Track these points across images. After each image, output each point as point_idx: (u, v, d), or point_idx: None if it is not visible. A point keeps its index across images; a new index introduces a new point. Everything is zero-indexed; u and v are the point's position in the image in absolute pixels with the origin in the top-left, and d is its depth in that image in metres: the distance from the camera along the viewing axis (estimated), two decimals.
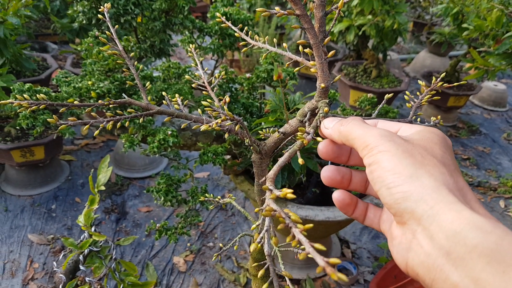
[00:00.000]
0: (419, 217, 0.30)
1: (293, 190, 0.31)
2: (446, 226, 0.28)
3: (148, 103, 0.56)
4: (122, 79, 1.16)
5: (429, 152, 0.34)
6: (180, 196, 1.09)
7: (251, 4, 3.12)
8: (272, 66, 1.28)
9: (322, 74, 0.44)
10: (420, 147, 0.35)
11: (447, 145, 0.37)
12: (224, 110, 0.45)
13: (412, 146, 0.34)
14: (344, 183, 0.43)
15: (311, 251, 0.26)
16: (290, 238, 0.29)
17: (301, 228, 0.28)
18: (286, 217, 0.31)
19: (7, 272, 1.57)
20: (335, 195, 0.42)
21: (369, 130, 0.36)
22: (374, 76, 2.58)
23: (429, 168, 0.32)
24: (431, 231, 0.29)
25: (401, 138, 0.35)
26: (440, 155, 0.34)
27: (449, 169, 0.33)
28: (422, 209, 0.30)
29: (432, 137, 0.36)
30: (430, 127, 0.38)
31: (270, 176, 0.38)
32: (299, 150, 0.44)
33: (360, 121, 0.38)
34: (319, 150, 0.43)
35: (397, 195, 0.31)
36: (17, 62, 1.98)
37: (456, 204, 0.29)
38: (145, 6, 1.12)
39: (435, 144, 0.36)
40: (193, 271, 1.63)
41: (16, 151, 1.80)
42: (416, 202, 0.30)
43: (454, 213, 0.28)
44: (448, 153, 0.36)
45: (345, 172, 0.42)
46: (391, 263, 1.62)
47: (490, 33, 1.99)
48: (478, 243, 0.26)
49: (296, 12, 0.42)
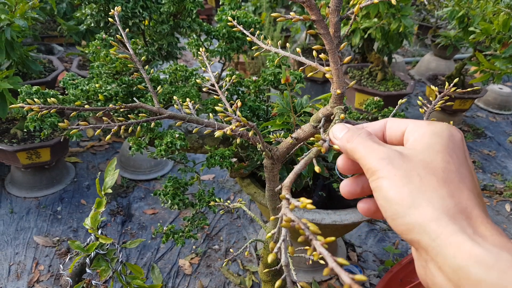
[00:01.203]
0: (426, 248, 0.30)
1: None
2: (450, 261, 0.28)
3: (159, 108, 0.56)
4: (129, 82, 1.16)
5: (430, 169, 0.33)
6: (187, 199, 1.09)
7: (256, 6, 3.12)
8: (279, 69, 1.28)
9: (338, 80, 0.43)
10: (420, 164, 0.33)
11: (454, 147, 0.35)
12: (238, 115, 0.45)
13: (411, 165, 0.33)
14: (365, 192, 0.42)
15: (334, 266, 0.25)
16: (311, 250, 0.28)
17: (322, 241, 0.28)
18: (305, 228, 0.30)
19: (12, 274, 1.57)
20: (360, 206, 0.42)
21: (371, 151, 0.35)
22: (380, 79, 2.58)
23: (428, 194, 0.31)
24: (439, 263, 0.29)
25: (399, 157, 0.34)
26: (442, 168, 0.33)
27: (450, 188, 0.32)
28: (426, 242, 0.30)
29: (435, 143, 0.35)
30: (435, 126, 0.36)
31: (286, 184, 0.37)
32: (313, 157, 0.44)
33: (365, 139, 0.37)
34: (338, 166, 0.42)
35: (401, 227, 0.32)
36: (24, 64, 1.99)
37: (457, 235, 0.29)
38: (153, 9, 1.12)
39: (437, 154, 0.34)
40: (198, 274, 1.62)
41: (22, 153, 1.80)
42: (419, 234, 0.30)
43: (455, 247, 0.28)
44: (454, 159, 0.34)
45: (363, 181, 0.41)
46: (397, 266, 1.61)
47: (496, 36, 1.98)
48: (481, 279, 0.27)
49: (312, 18, 0.41)
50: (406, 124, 0.38)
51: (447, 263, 0.28)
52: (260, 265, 0.79)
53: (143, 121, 0.51)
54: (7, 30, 1.66)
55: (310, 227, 0.31)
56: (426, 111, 0.55)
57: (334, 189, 1.43)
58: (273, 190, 0.59)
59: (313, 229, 0.31)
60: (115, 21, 0.60)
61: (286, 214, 0.35)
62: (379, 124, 0.41)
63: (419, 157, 0.34)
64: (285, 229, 0.35)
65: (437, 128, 0.36)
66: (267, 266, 0.76)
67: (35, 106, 0.51)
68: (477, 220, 0.30)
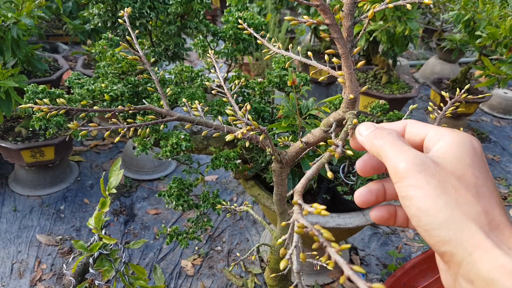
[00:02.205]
0: (459, 262, 0.30)
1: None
2: (484, 275, 0.28)
3: (169, 110, 0.55)
4: (135, 82, 1.16)
5: (463, 182, 0.32)
6: (191, 201, 1.09)
7: (261, 7, 3.12)
8: (285, 71, 1.28)
9: (351, 84, 0.43)
10: (452, 176, 0.33)
11: (479, 160, 0.34)
12: (249, 119, 0.44)
13: (445, 176, 0.33)
14: (379, 199, 0.41)
15: (350, 274, 0.25)
16: (326, 258, 0.28)
17: (337, 248, 0.28)
18: (319, 234, 0.30)
19: (15, 273, 1.57)
20: (372, 215, 0.41)
21: (401, 154, 0.34)
22: (384, 82, 2.57)
23: (465, 208, 0.31)
24: (471, 277, 0.30)
25: (432, 165, 0.33)
26: (473, 183, 0.33)
27: (484, 203, 0.32)
28: (461, 256, 0.30)
29: (464, 156, 0.34)
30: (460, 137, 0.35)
31: (298, 190, 0.37)
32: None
33: (395, 138, 0.36)
34: (357, 167, 0.41)
35: (435, 238, 0.31)
36: (29, 62, 1.99)
37: (493, 251, 0.29)
38: (160, 9, 1.12)
39: (468, 168, 0.33)
40: (200, 275, 1.62)
41: (26, 151, 1.80)
42: (455, 247, 0.30)
43: (491, 261, 0.29)
44: (481, 173, 0.34)
45: (377, 190, 0.41)
46: (400, 270, 1.60)
47: (503, 41, 1.97)
48: None
49: (326, 22, 0.41)
50: (427, 131, 0.37)
51: (480, 277, 0.29)
52: (267, 269, 0.79)
53: (153, 123, 0.51)
54: (14, 29, 1.66)
55: (324, 233, 0.31)
56: (437, 117, 0.54)
57: (338, 192, 1.43)
58: (281, 194, 0.58)
59: (327, 236, 0.30)
60: (125, 22, 0.60)
61: (298, 220, 0.34)
62: (398, 125, 0.40)
63: (450, 168, 0.33)
64: (297, 235, 0.35)
65: (462, 139, 0.35)
66: (274, 271, 0.76)
67: (44, 106, 0.51)
68: (510, 236, 0.31)
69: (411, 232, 1.94)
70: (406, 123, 0.40)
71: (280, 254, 0.35)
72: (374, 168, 0.41)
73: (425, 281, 1.57)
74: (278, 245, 0.72)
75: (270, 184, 1.37)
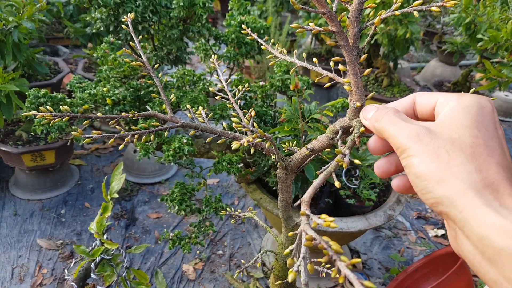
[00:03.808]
0: (453, 219, 0.32)
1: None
2: (475, 230, 0.30)
3: (173, 116, 0.55)
4: (137, 86, 1.16)
5: (457, 145, 0.34)
6: (194, 205, 1.08)
7: (262, 11, 3.12)
8: (287, 75, 1.27)
9: (357, 92, 0.42)
10: (447, 140, 0.34)
11: (483, 119, 0.35)
12: (255, 127, 0.44)
13: (439, 142, 0.34)
14: (399, 170, 0.42)
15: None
16: (335, 272, 0.27)
17: (347, 262, 0.27)
18: (328, 247, 0.30)
19: (15, 277, 1.57)
20: (394, 183, 0.42)
21: (400, 129, 0.36)
22: (386, 85, 2.57)
23: (456, 170, 0.33)
24: (466, 232, 0.31)
25: (427, 134, 0.35)
26: (469, 143, 0.34)
27: (477, 162, 0.33)
28: (454, 214, 0.32)
29: (463, 118, 0.35)
30: (465, 100, 0.36)
31: (305, 200, 0.36)
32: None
33: (393, 116, 0.38)
34: (369, 147, 0.42)
35: (430, 200, 0.34)
36: (30, 66, 1.99)
37: (482, 208, 0.30)
38: (162, 13, 1.11)
39: (465, 129, 0.34)
40: (202, 280, 1.61)
41: (27, 155, 1.80)
42: (447, 207, 0.32)
43: (480, 218, 0.30)
44: (482, 132, 0.34)
45: (396, 159, 0.41)
46: (402, 274, 1.59)
47: (504, 44, 1.97)
48: (503, 247, 0.28)
49: (332, 29, 0.41)
50: (436, 98, 0.39)
51: (473, 233, 0.30)
52: (271, 276, 0.78)
53: (157, 129, 0.51)
54: (15, 32, 1.66)
55: (333, 245, 0.30)
56: None
57: (340, 196, 1.42)
58: (286, 201, 0.58)
59: (336, 248, 0.30)
60: (128, 26, 0.60)
61: (306, 231, 0.34)
62: (407, 100, 0.42)
63: (447, 133, 0.35)
64: (305, 247, 0.34)
65: (466, 101, 0.36)
66: (279, 278, 0.75)
67: (47, 114, 0.50)
68: (504, 193, 0.32)
69: (413, 235, 1.93)
70: (415, 95, 0.42)
71: (287, 264, 0.35)
72: (384, 145, 0.42)
73: (427, 285, 1.56)
74: (282, 251, 0.71)
75: (272, 188, 1.37)
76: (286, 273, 0.75)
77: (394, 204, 1.34)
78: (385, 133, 0.38)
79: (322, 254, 0.98)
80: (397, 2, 0.43)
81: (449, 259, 1.52)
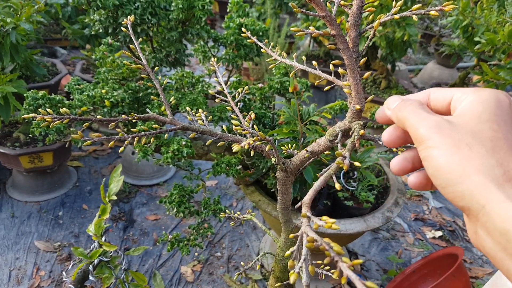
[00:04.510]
0: (476, 214, 0.32)
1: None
2: (499, 225, 0.30)
3: (173, 119, 0.55)
4: (136, 88, 1.16)
5: (478, 138, 0.34)
6: (192, 207, 1.08)
7: (261, 13, 3.12)
8: (286, 77, 1.28)
9: (357, 95, 0.43)
10: (468, 133, 0.34)
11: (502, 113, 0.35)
12: (255, 129, 0.44)
13: (460, 135, 0.34)
14: (416, 166, 0.42)
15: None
16: (337, 273, 0.28)
17: (348, 263, 0.27)
18: (329, 248, 0.30)
19: (13, 280, 1.56)
20: (411, 180, 0.41)
21: (421, 120, 0.36)
22: (384, 87, 2.58)
23: (477, 163, 0.32)
24: (488, 228, 0.31)
25: (447, 126, 0.35)
26: (490, 137, 0.34)
27: (498, 156, 0.33)
28: (476, 209, 0.31)
29: (482, 112, 0.35)
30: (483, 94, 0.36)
31: (306, 202, 0.37)
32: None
33: (416, 107, 0.38)
34: (383, 139, 0.42)
35: (451, 194, 0.33)
36: (27, 67, 1.99)
37: (505, 203, 0.30)
38: (161, 16, 1.12)
39: (485, 123, 0.34)
40: (200, 281, 1.61)
41: (24, 157, 1.79)
42: (470, 202, 0.32)
43: (504, 212, 0.30)
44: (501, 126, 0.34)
45: (412, 156, 0.41)
46: (400, 276, 1.60)
47: (502, 46, 1.98)
48: None
49: (332, 33, 0.41)
50: (452, 93, 0.39)
51: (495, 228, 0.30)
52: (271, 278, 0.78)
53: (157, 132, 0.51)
54: (12, 34, 1.66)
55: (334, 247, 0.30)
56: None
57: (338, 198, 1.42)
58: (285, 203, 0.58)
59: (338, 250, 0.30)
60: (128, 30, 0.60)
61: (307, 233, 0.34)
62: (421, 95, 0.42)
63: (467, 126, 0.35)
64: (306, 248, 0.34)
65: (484, 95, 0.36)
66: (278, 280, 0.75)
67: (47, 116, 0.50)
68: None
69: (411, 237, 1.93)
70: (429, 91, 0.42)
71: (288, 266, 0.35)
72: (399, 138, 0.41)
73: (425, 286, 1.56)
74: (282, 253, 0.71)
75: (270, 190, 1.37)
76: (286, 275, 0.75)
77: (392, 206, 1.35)
78: (407, 123, 0.37)
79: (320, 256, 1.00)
80: (396, 6, 0.43)
81: (447, 260, 1.53)
